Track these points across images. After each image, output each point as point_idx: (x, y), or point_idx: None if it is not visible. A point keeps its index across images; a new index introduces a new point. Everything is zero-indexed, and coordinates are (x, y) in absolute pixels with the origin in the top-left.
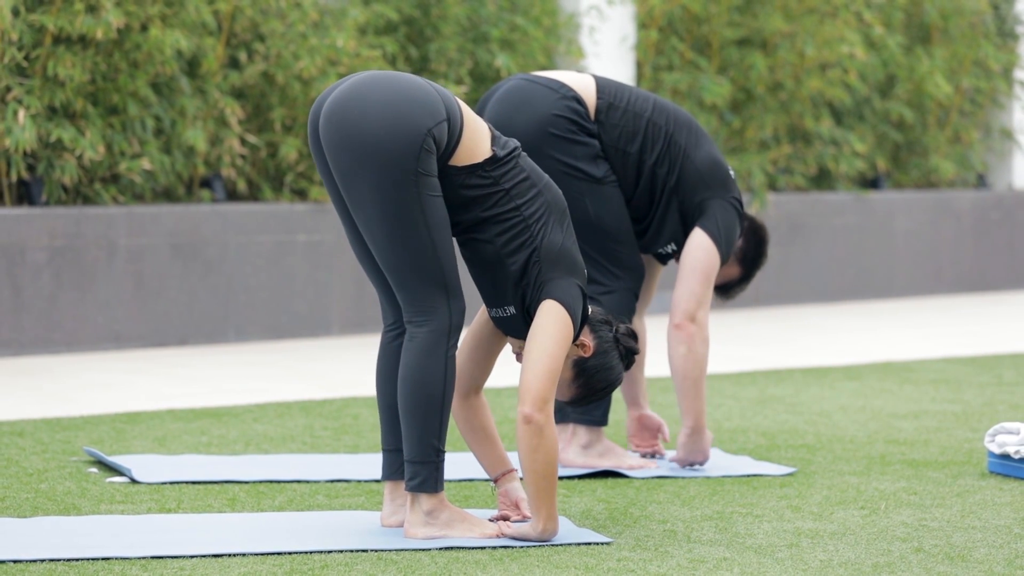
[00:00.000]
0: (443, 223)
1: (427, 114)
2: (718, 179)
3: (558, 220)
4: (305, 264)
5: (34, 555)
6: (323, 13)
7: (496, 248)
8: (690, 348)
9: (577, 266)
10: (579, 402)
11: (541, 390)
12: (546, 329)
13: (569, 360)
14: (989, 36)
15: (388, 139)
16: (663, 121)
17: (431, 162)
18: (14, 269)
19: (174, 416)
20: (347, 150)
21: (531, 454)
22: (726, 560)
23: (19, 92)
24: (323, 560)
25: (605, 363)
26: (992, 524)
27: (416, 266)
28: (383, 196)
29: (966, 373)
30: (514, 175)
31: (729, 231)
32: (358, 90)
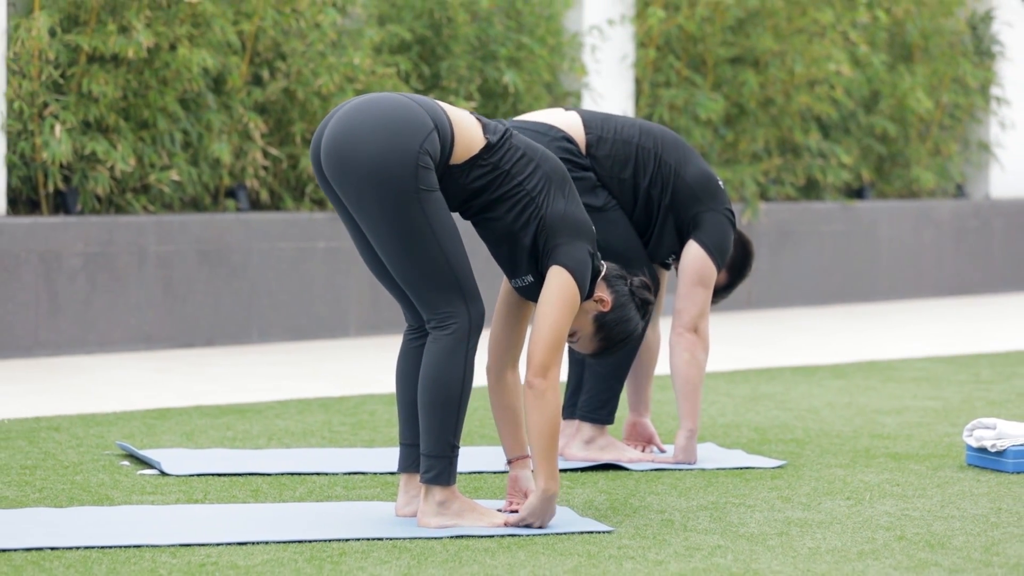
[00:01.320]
0: (452, 232)
1: (415, 132)
2: (709, 192)
3: (559, 188)
4: (324, 269)
5: (70, 542)
6: (341, 33)
7: (507, 224)
8: (693, 355)
9: (582, 228)
10: (602, 354)
11: (544, 358)
12: (550, 300)
13: (589, 316)
14: (967, 55)
15: (384, 166)
16: (651, 144)
17: (430, 176)
18: (51, 274)
19: (201, 412)
20: (350, 183)
21: (533, 416)
22: (720, 547)
23: (56, 108)
24: (341, 547)
25: (623, 316)
26: (970, 513)
27: (431, 277)
28: (390, 217)
29: (946, 371)
30: (511, 155)
31: (722, 241)
32: (347, 124)
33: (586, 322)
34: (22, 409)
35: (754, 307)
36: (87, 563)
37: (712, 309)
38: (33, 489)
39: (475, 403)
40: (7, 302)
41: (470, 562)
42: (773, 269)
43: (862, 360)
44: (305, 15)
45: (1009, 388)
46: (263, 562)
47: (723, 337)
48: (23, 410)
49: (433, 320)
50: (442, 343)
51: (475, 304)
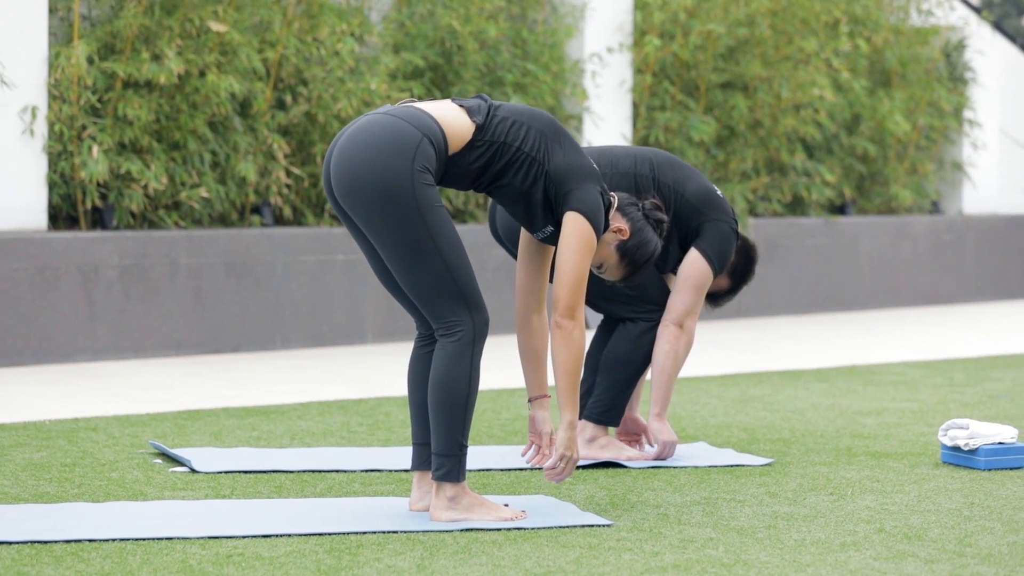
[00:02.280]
0: (456, 245)
1: (405, 151)
2: (710, 205)
3: (555, 141)
4: (343, 280)
5: (107, 535)
6: (358, 60)
7: (517, 186)
8: (674, 348)
9: (586, 171)
10: (631, 278)
11: (569, 299)
12: (567, 244)
13: (611, 247)
14: (942, 80)
15: (384, 189)
16: (647, 170)
17: (431, 192)
18: (89, 285)
19: (228, 414)
20: (358, 206)
21: (561, 354)
22: (712, 540)
23: (93, 130)
24: (358, 540)
25: (642, 239)
26: (944, 508)
27: (436, 288)
28: (396, 234)
29: (922, 375)
30: (502, 127)
31: (723, 249)
32: (346, 155)
33: (609, 253)
34: (62, 411)
35: (744, 316)
36: (122, 554)
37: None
38: (72, 485)
39: (483, 404)
40: (48, 311)
41: (479, 554)
42: (761, 280)
43: (844, 365)
44: (325, 44)
45: (981, 391)
46: (286, 553)
47: (715, 343)
48: (63, 411)
49: (440, 328)
50: (449, 349)
51: (479, 313)
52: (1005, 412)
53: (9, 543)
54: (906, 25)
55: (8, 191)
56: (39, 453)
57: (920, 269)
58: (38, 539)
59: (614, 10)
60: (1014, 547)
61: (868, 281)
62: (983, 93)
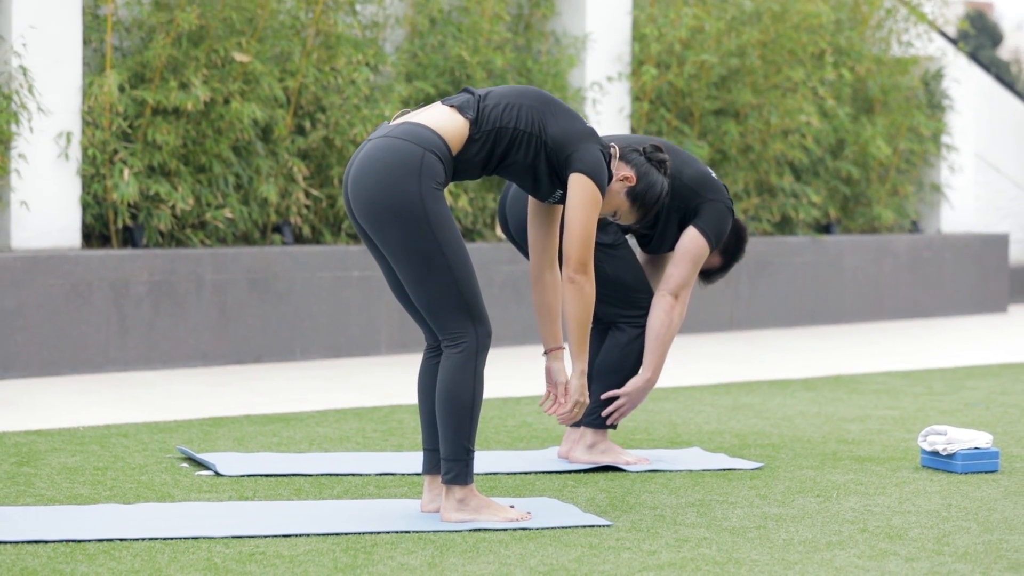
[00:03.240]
0: (464, 260)
1: (411, 170)
2: (707, 187)
3: (547, 113)
4: (358, 295)
5: (137, 534)
6: (373, 89)
7: (522, 162)
8: (669, 317)
9: (581, 133)
10: (642, 220)
11: (580, 255)
12: (574, 204)
13: (621, 195)
14: (921, 108)
15: (397, 209)
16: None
17: (442, 207)
18: (120, 300)
19: (251, 421)
20: (377, 227)
21: (573, 307)
22: (706, 539)
23: (124, 154)
24: (373, 539)
25: (649, 182)
26: (924, 509)
27: (443, 300)
28: (409, 248)
29: (902, 384)
30: (495, 113)
31: (719, 226)
32: (359, 181)
33: (620, 201)
34: (95, 418)
35: (735, 328)
36: (151, 552)
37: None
38: (104, 488)
39: (488, 412)
40: (82, 324)
41: (487, 552)
42: (752, 295)
43: (829, 375)
44: (342, 73)
45: (958, 399)
46: (305, 552)
47: (708, 354)
48: (96, 419)
49: (445, 340)
50: (453, 360)
51: (482, 325)
52: (981, 419)
53: (46, 542)
54: (887, 56)
55: (44, 212)
56: (73, 457)
57: (901, 284)
58: (73, 538)
59: (613, 41)
60: (989, 546)
61: (852, 296)
62: (959, 119)
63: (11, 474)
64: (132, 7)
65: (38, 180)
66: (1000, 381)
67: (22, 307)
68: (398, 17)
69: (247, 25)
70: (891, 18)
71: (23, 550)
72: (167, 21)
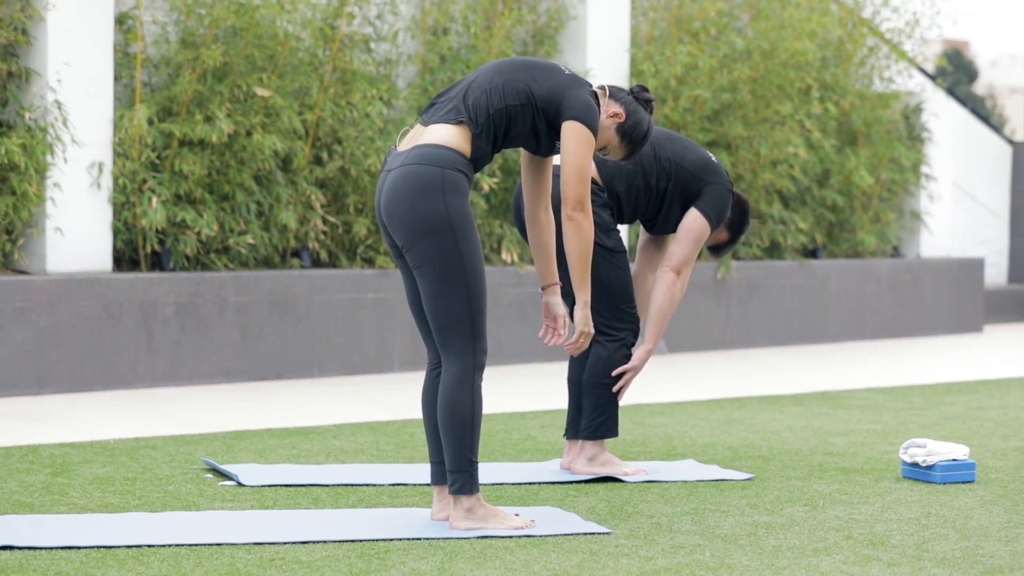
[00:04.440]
0: (479, 276)
1: (434, 190)
2: (707, 171)
3: (527, 78)
4: (373, 316)
5: (164, 541)
6: (386, 122)
7: (523, 129)
8: (671, 291)
9: (564, 82)
10: (631, 154)
11: (577, 193)
12: (568, 147)
13: (611, 131)
14: (901, 140)
15: (427, 227)
16: (648, 149)
17: (467, 214)
18: (148, 320)
19: (271, 434)
20: (409, 241)
21: (573, 243)
22: (700, 546)
23: (153, 183)
24: (386, 546)
25: (637, 119)
26: (905, 517)
27: (453, 313)
28: (434, 260)
29: (884, 400)
30: (481, 105)
31: (720, 207)
32: (391, 210)
33: (610, 136)
34: (124, 431)
35: (727, 347)
36: (178, 558)
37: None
38: (133, 497)
39: (494, 427)
40: (112, 343)
41: (493, 558)
42: (743, 315)
43: (816, 391)
44: (357, 107)
45: (937, 414)
46: (322, 558)
47: (701, 372)
48: (125, 432)
49: (446, 355)
50: (452, 376)
51: (481, 343)
52: (958, 432)
53: (78, 547)
54: (870, 91)
55: (78, 237)
56: (104, 468)
57: (883, 306)
58: (103, 544)
59: (612, 77)
60: (966, 552)
61: (837, 316)
62: (938, 151)
63: (46, 484)
64: (160, 45)
65: (72, 208)
66: (976, 397)
67: (57, 327)
68: (410, 55)
69: (268, 62)
70: (873, 55)
71: (57, 555)
72: (193, 58)
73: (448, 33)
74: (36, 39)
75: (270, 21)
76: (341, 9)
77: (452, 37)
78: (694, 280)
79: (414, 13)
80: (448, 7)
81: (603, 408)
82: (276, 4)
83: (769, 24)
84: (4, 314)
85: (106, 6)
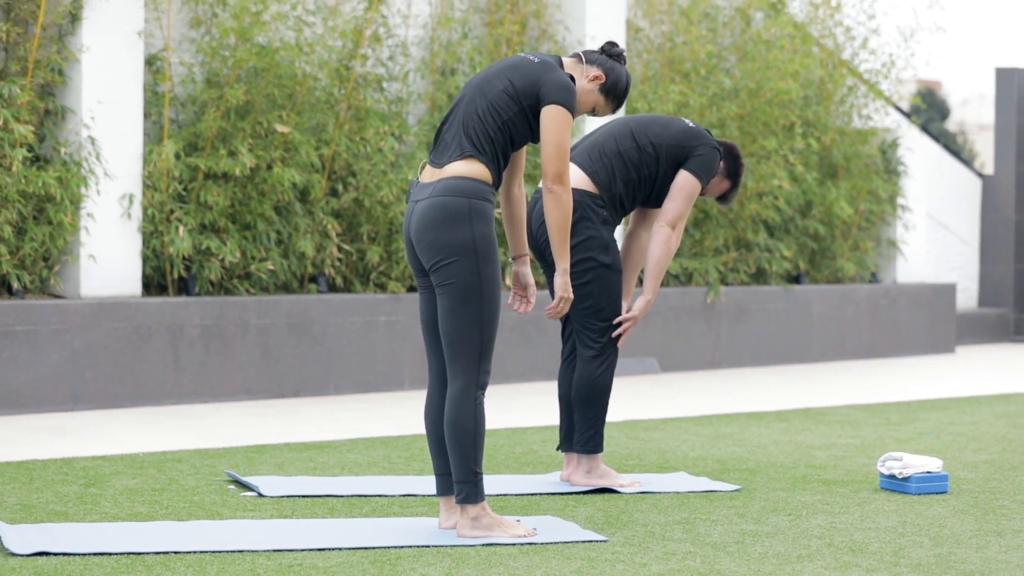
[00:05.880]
0: (494, 300)
1: (461, 219)
2: (690, 138)
3: (505, 82)
4: (384, 337)
5: (189, 547)
6: (398, 156)
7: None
8: (667, 245)
9: (537, 70)
10: (617, 106)
11: (556, 167)
12: (547, 127)
13: (595, 93)
14: (879, 173)
15: (454, 251)
16: (629, 143)
17: (491, 241)
18: (175, 341)
19: (290, 448)
20: (437, 263)
21: (552, 213)
22: (691, 553)
23: (179, 213)
24: (397, 553)
25: (616, 76)
26: (883, 526)
27: (465, 332)
28: (455, 279)
29: (863, 416)
30: (480, 129)
31: (708, 167)
32: (421, 236)
33: (596, 97)
34: (153, 445)
35: (717, 367)
36: (202, 563)
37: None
38: (161, 506)
39: (498, 441)
40: (142, 363)
41: (497, 564)
42: (732, 337)
43: (799, 407)
44: (371, 142)
45: (912, 429)
46: (337, 564)
47: (692, 390)
48: (153, 446)
49: (451, 370)
50: (455, 392)
51: (485, 364)
52: (932, 446)
53: (109, 554)
54: (849, 127)
55: (110, 264)
56: (134, 480)
57: (861, 328)
58: (133, 551)
59: (609, 116)
60: (940, 558)
61: (819, 338)
62: (913, 183)
63: (79, 494)
64: (187, 85)
65: (104, 236)
66: (949, 413)
67: (90, 347)
68: (420, 93)
69: (287, 100)
70: (852, 94)
71: (90, 561)
72: (217, 97)
73: (455, 73)
74: (71, 79)
75: (289, 62)
76: (356, 51)
77: (459, 77)
78: (686, 304)
79: (423, 55)
80: (455, 49)
81: (591, 423)
82: (295, 46)
83: (755, 65)
84: (41, 335)
85: (137, 48)
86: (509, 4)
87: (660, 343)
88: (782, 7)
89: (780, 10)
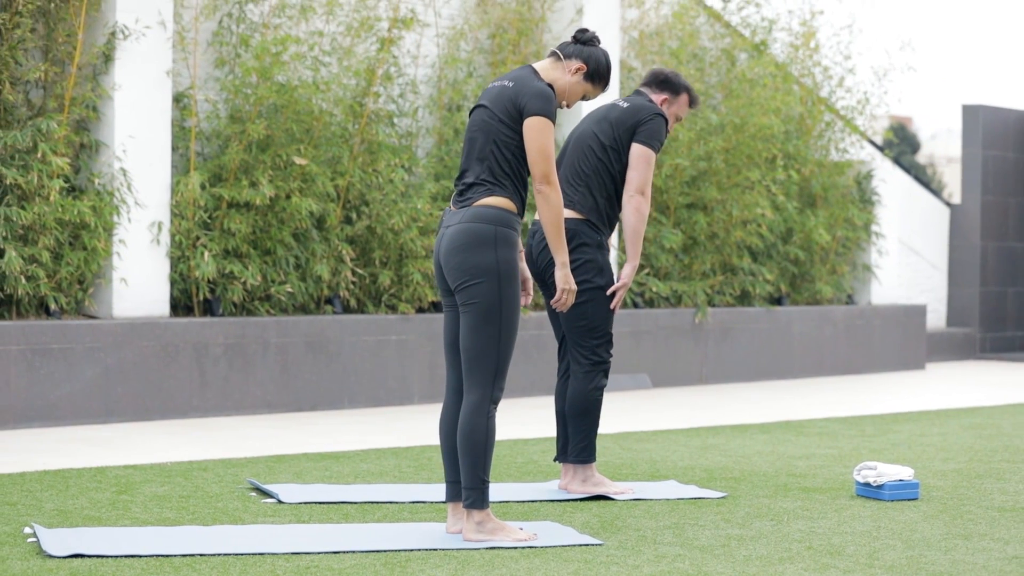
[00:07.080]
0: (513, 321)
1: (487, 244)
2: (634, 115)
3: (496, 110)
4: (396, 355)
5: (214, 550)
6: (408, 186)
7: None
8: (640, 212)
9: (514, 87)
10: (604, 86)
11: (542, 169)
12: (530, 136)
13: (580, 83)
14: (854, 202)
15: (478, 273)
16: (592, 160)
17: (514, 264)
18: (200, 359)
19: (307, 458)
20: (463, 283)
21: (544, 212)
22: (680, 556)
23: (204, 240)
24: (407, 555)
25: (595, 61)
26: (858, 530)
27: (484, 350)
28: (478, 297)
29: (840, 428)
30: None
31: (656, 134)
32: (449, 259)
33: (584, 87)
34: (180, 455)
35: (704, 383)
36: (226, 565)
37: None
38: (187, 512)
39: (501, 451)
40: (169, 379)
41: (500, 566)
42: (718, 355)
43: (781, 420)
44: (382, 173)
45: (886, 440)
46: (351, 566)
47: (681, 404)
48: (181, 456)
49: (468, 384)
50: (470, 405)
51: (500, 381)
52: (904, 456)
53: (139, 556)
54: (827, 160)
55: (140, 287)
56: (162, 488)
57: (838, 346)
58: (161, 553)
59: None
60: (911, 560)
61: (799, 356)
62: (886, 212)
63: (112, 501)
64: (211, 120)
65: (135, 261)
66: (920, 425)
67: (121, 364)
68: (428, 128)
69: (305, 135)
70: (830, 129)
71: (121, 563)
72: (240, 131)
73: (461, 110)
74: (105, 115)
75: (307, 99)
76: (368, 89)
77: (465, 113)
78: (676, 324)
79: (432, 92)
80: (461, 87)
81: (584, 435)
82: (312, 84)
83: (740, 102)
84: (76, 353)
85: (165, 86)
86: (511, 45)
87: (651, 360)
88: (765, 48)
89: (763, 51)
